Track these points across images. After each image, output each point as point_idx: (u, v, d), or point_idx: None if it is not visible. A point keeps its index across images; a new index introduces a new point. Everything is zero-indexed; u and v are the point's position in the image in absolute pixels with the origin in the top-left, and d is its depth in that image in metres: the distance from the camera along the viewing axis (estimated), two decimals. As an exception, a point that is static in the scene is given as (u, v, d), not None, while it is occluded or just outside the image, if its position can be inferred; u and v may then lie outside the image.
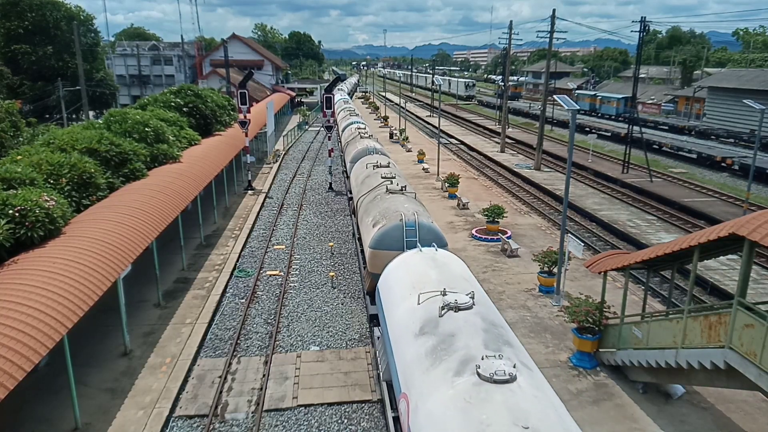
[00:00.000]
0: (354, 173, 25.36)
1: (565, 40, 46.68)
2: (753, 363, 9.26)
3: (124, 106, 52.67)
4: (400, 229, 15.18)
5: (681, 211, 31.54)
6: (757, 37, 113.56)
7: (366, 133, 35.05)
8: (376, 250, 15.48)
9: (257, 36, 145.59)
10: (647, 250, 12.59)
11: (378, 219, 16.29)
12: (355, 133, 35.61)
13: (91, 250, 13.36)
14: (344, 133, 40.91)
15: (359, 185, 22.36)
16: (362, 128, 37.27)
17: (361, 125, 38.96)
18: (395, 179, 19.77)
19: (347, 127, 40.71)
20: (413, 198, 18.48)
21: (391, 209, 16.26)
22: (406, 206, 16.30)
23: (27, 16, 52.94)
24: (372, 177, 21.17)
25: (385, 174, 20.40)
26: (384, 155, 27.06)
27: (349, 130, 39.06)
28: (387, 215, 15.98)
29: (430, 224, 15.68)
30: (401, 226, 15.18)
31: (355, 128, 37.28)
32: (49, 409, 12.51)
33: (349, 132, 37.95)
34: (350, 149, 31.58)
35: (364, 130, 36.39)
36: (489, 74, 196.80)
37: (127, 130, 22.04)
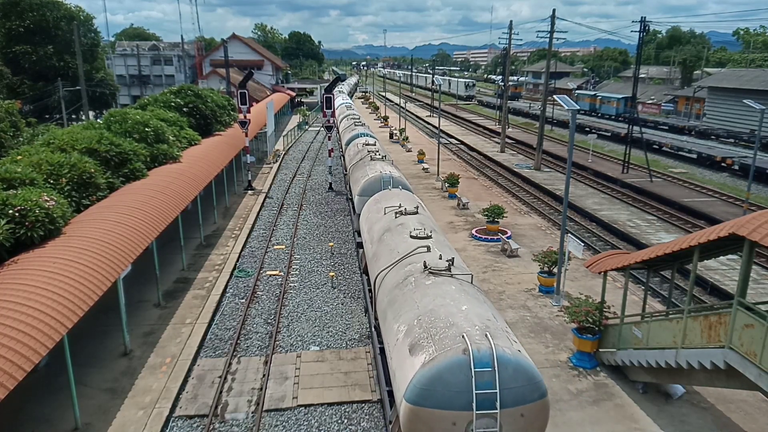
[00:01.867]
0: (366, 219, 17.80)
1: (565, 40, 46.70)
2: (753, 363, 9.26)
3: (124, 106, 52.67)
4: None
5: (681, 211, 31.54)
6: (757, 37, 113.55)
7: (377, 152, 26.45)
8: None
9: (257, 36, 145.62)
10: (647, 250, 12.59)
11: None
12: (362, 151, 27.31)
13: (91, 250, 13.36)
14: (348, 149, 31.59)
15: (378, 247, 14.37)
16: (372, 144, 28.86)
17: (370, 140, 30.55)
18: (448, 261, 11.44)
19: (352, 142, 32.04)
20: (483, 301, 10.51)
21: (450, 331, 8.91)
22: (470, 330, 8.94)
23: (27, 15, 52.90)
24: (396, 234, 13.92)
25: (424, 240, 12.84)
26: (409, 191, 20.33)
27: (354, 147, 30.43)
28: (442, 345, 8.68)
29: None
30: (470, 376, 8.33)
31: (363, 144, 29.02)
32: (49, 409, 12.52)
33: (355, 149, 29.42)
34: (357, 176, 23.49)
35: (374, 147, 27.82)
36: (489, 74, 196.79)
37: (127, 130, 22.03)
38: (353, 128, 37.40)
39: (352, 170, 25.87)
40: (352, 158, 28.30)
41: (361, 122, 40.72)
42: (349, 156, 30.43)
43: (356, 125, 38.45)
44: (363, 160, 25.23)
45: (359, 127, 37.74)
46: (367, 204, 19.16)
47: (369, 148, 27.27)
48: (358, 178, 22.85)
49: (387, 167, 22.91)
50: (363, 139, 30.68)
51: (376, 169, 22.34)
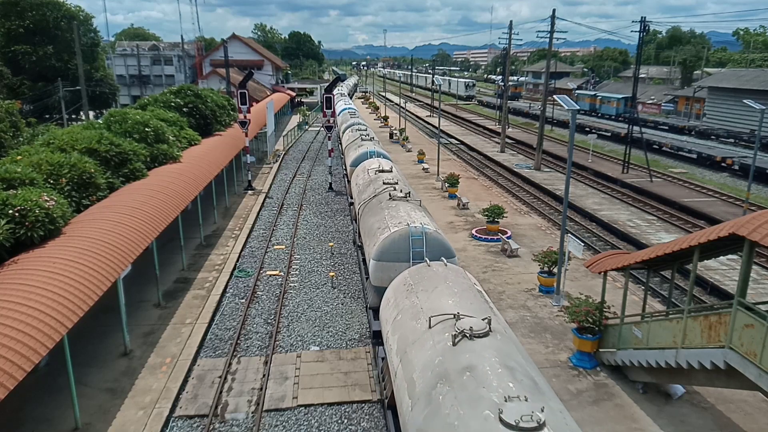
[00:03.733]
0: (396, 328, 10.41)
1: (565, 40, 46.80)
2: (753, 363, 9.26)
3: (124, 106, 52.69)
4: None
5: (681, 211, 31.54)
6: (757, 37, 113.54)
7: (397, 183, 18.71)
8: None
9: (257, 36, 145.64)
10: (647, 250, 12.59)
11: None
12: (376, 182, 19.39)
13: (91, 250, 13.36)
14: (355, 175, 23.43)
15: None
16: (388, 171, 20.77)
17: (385, 163, 22.20)
18: None
19: (360, 165, 24.01)
20: None
21: None
22: None
23: (27, 15, 52.91)
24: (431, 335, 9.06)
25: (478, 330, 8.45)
26: (451, 256, 13.88)
27: (364, 173, 21.93)
28: None
29: None
30: None
31: (376, 171, 20.87)
32: (49, 409, 12.51)
33: (365, 178, 21.15)
34: (372, 227, 15.88)
35: (392, 176, 19.87)
36: (489, 74, 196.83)
37: (127, 130, 22.03)
38: (360, 143, 29.32)
39: (363, 212, 17.67)
40: (361, 190, 20.21)
41: (370, 136, 32.30)
42: (356, 185, 21.81)
43: (363, 139, 30.50)
44: (378, 197, 17.55)
45: (368, 142, 29.17)
46: (395, 287, 11.77)
47: (385, 177, 19.32)
48: (374, 229, 15.41)
49: (417, 214, 15.37)
50: (375, 162, 22.61)
51: (399, 216, 15.10)
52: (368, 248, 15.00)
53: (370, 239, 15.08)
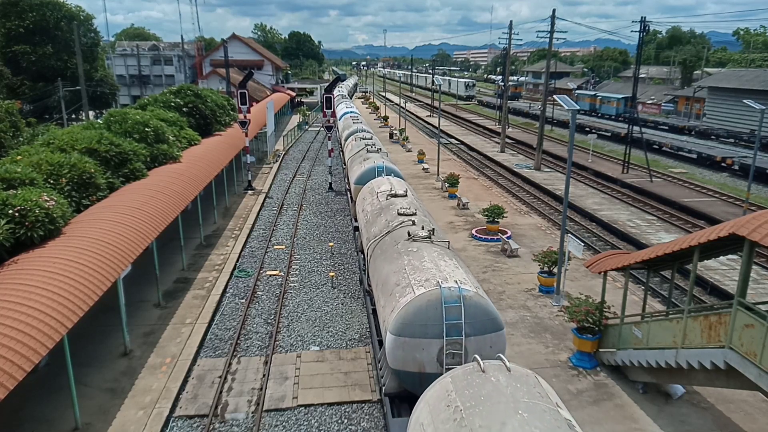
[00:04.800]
0: None
1: (565, 40, 46.75)
2: (753, 363, 9.26)
3: (124, 106, 52.69)
4: None
5: (681, 211, 31.54)
6: (757, 37, 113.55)
7: (413, 213, 15.04)
8: None
9: (257, 36, 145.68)
10: (647, 250, 12.59)
11: None
12: (389, 212, 15.54)
13: (91, 250, 13.36)
14: (361, 197, 19.51)
15: None
16: (402, 195, 16.90)
17: (398, 185, 18.56)
18: None
19: (368, 185, 19.90)
20: None
21: None
22: None
23: (27, 16, 52.92)
24: None
25: None
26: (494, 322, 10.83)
27: (372, 197, 18.04)
28: None
29: None
30: None
31: (387, 195, 16.89)
32: (49, 409, 12.52)
33: (374, 204, 17.16)
34: (388, 277, 12.20)
35: (407, 202, 16.09)
36: (489, 74, 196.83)
37: (127, 130, 22.04)
38: (366, 156, 24.90)
39: (374, 253, 13.75)
40: (369, 220, 16.34)
41: (377, 146, 27.19)
42: (363, 211, 17.88)
43: (370, 151, 25.85)
44: (393, 235, 13.64)
45: (374, 154, 24.81)
46: (432, 408, 7.23)
47: (400, 205, 15.35)
48: (390, 285, 11.60)
49: (447, 264, 11.57)
50: (385, 183, 18.53)
51: (424, 268, 11.29)
52: (383, 310, 10.99)
53: (386, 299, 11.19)
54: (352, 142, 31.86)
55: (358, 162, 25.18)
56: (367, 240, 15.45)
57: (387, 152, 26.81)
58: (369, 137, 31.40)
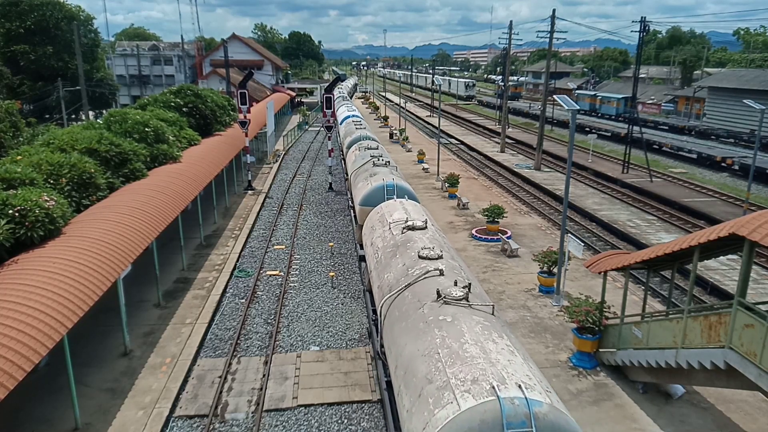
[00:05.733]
0: None
1: (565, 40, 46.76)
2: (753, 363, 9.26)
3: (124, 106, 52.68)
4: None
5: (681, 211, 31.55)
6: (757, 37, 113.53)
7: (439, 256, 11.40)
8: None
9: (257, 36, 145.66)
10: (647, 250, 12.59)
11: None
12: (405, 247, 12.40)
13: (91, 250, 13.36)
14: (370, 224, 16.09)
15: None
16: (420, 228, 13.37)
17: (413, 210, 15.29)
18: None
19: (376, 209, 16.59)
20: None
21: None
22: None
23: (27, 16, 52.94)
24: None
25: None
26: None
27: (381, 224, 14.96)
28: None
29: None
30: None
31: (402, 225, 13.67)
32: (49, 409, 12.52)
33: (384, 233, 14.17)
34: (408, 352, 8.61)
35: (427, 237, 12.82)
36: (489, 74, 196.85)
37: (127, 130, 22.04)
38: (373, 171, 21.17)
39: (390, 313, 10.48)
40: (381, 261, 12.88)
41: (385, 159, 22.82)
42: (372, 244, 14.46)
43: (377, 164, 22.03)
44: (415, 289, 10.29)
45: (382, 169, 21.24)
46: None
47: (421, 243, 12.23)
48: (418, 375, 8.00)
49: (498, 347, 7.98)
50: (399, 209, 15.22)
51: (466, 353, 7.75)
52: (408, 418, 7.58)
53: (413, 400, 7.68)
54: (355, 151, 27.90)
55: (364, 178, 21.35)
56: (379, 289, 11.98)
57: (396, 165, 23.26)
58: (375, 146, 27.17)
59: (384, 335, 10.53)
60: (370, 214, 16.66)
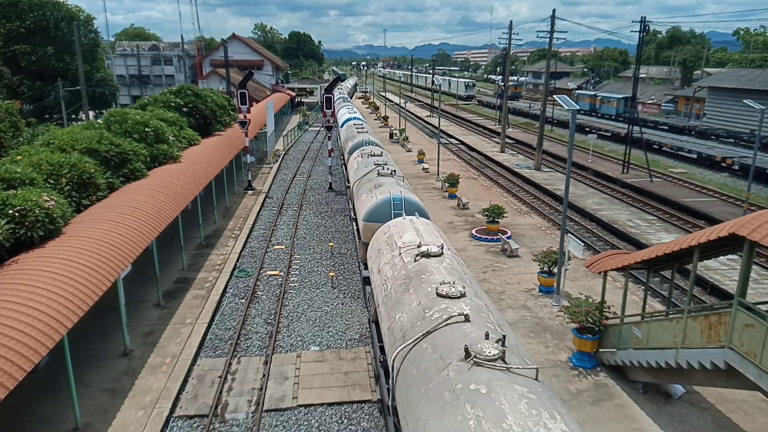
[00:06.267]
0: None
1: (565, 40, 46.74)
2: (753, 363, 9.26)
3: (124, 106, 52.66)
4: None
5: (681, 211, 31.54)
6: (757, 37, 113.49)
7: (462, 294, 9.19)
8: None
9: (257, 36, 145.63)
10: (647, 250, 12.59)
11: None
12: (419, 279, 10.31)
13: (91, 250, 13.36)
14: (376, 246, 13.97)
15: None
16: (436, 256, 11.19)
17: (425, 229, 13.31)
18: None
19: (383, 229, 14.47)
20: None
21: None
22: None
23: (27, 16, 52.92)
24: None
25: None
26: None
27: (390, 247, 12.88)
28: None
29: None
30: None
31: (414, 250, 11.60)
32: (49, 409, 12.52)
33: (393, 258, 12.08)
34: (425, 417, 6.77)
35: (444, 266, 10.69)
36: (489, 74, 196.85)
37: (127, 130, 22.04)
38: (378, 183, 19.12)
39: (403, 367, 8.51)
40: (392, 297, 10.81)
41: (391, 168, 20.76)
42: (379, 272, 12.60)
43: (382, 174, 20.03)
44: (434, 338, 8.18)
45: (387, 179, 19.34)
46: None
47: (438, 273, 10.37)
48: None
49: (540, 415, 6.01)
50: (409, 229, 13.22)
51: (494, 402, 6.22)
52: None
53: None
54: (357, 158, 25.56)
55: (367, 189, 19.23)
56: (389, 332, 9.75)
57: (403, 175, 21.09)
58: (379, 153, 24.82)
59: (398, 395, 8.48)
60: (376, 234, 14.71)
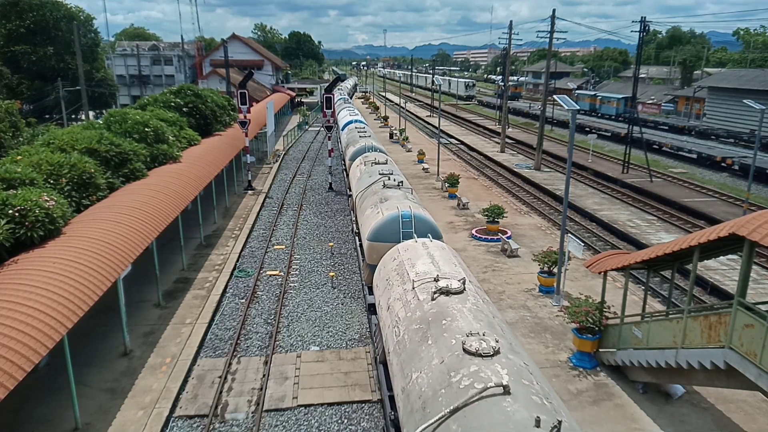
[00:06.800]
0: None
1: (565, 40, 46.74)
2: (753, 363, 9.26)
3: (124, 106, 52.68)
4: None
5: (681, 211, 31.54)
6: (757, 37, 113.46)
7: (495, 351, 7.38)
8: None
9: (257, 36, 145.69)
10: (647, 250, 12.59)
11: None
12: (438, 324, 8.53)
13: (91, 250, 13.36)
14: (383, 274, 12.27)
15: None
16: (457, 293, 9.38)
17: (442, 256, 11.56)
18: None
19: (391, 253, 12.85)
20: None
21: None
22: None
23: (27, 16, 52.94)
24: None
25: None
26: None
27: (401, 278, 11.05)
28: None
29: None
30: None
31: (431, 285, 9.78)
32: (49, 409, 12.51)
33: (404, 293, 10.31)
34: None
35: (467, 307, 8.93)
36: (489, 74, 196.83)
37: (127, 130, 22.04)
38: (384, 196, 17.24)
39: None
40: (403, 343, 9.05)
41: (397, 180, 18.91)
42: (387, 307, 10.83)
43: (388, 185, 18.34)
44: (456, 375, 7.20)
45: (394, 192, 17.53)
46: None
47: (466, 326, 8.23)
48: None
49: None
50: (422, 255, 11.66)
51: None
52: None
53: None
54: (360, 166, 23.47)
55: (372, 204, 17.26)
56: (404, 396, 8.04)
57: (411, 188, 18.87)
58: (383, 160, 22.80)
59: None
60: (383, 259, 12.99)
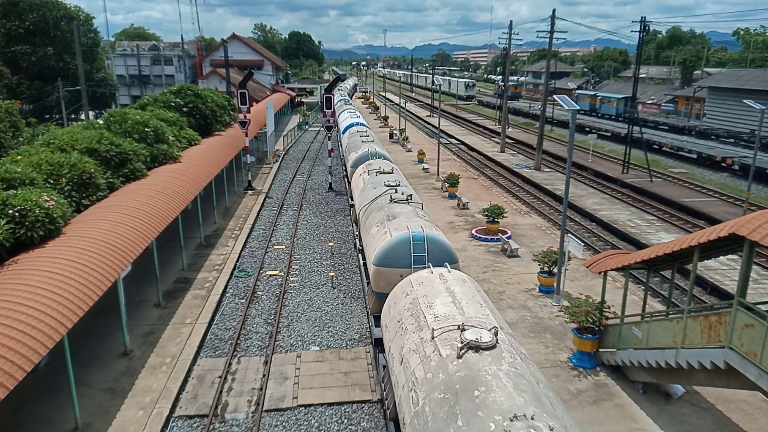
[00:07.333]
0: None
1: (565, 40, 46.73)
2: (753, 363, 9.25)
3: (124, 106, 52.68)
4: None
5: (681, 211, 31.54)
6: (757, 37, 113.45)
7: (525, 415, 6.22)
8: None
9: (257, 36, 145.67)
10: (647, 250, 12.59)
11: None
12: (460, 383, 7.09)
13: (91, 250, 13.36)
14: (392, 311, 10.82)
15: None
16: (488, 349, 7.66)
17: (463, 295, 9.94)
18: None
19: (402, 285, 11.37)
20: None
21: None
22: None
23: (27, 16, 52.94)
24: None
25: None
26: None
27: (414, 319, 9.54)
28: None
29: None
30: None
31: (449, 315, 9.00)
32: (49, 409, 12.51)
33: (418, 342, 8.72)
34: None
35: (501, 362, 7.40)
36: (489, 74, 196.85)
37: (127, 130, 22.04)
38: (391, 213, 15.60)
39: None
40: (422, 411, 7.32)
41: (405, 192, 17.48)
42: (398, 355, 9.32)
43: (395, 200, 16.62)
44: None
45: (404, 208, 15.89)
46: None
47: (500, 395, 6.71)
48: None
49: None
50: (441, 290, 10.24)
51: None
52: None
53: None
54: (363, 175, 21.53)
55: (378, 221, 15.52)
56: None
57: (422, 202, 17.29)
58: (389, 169, 20.90)
59: None
60: (393, 292, 11.48)
